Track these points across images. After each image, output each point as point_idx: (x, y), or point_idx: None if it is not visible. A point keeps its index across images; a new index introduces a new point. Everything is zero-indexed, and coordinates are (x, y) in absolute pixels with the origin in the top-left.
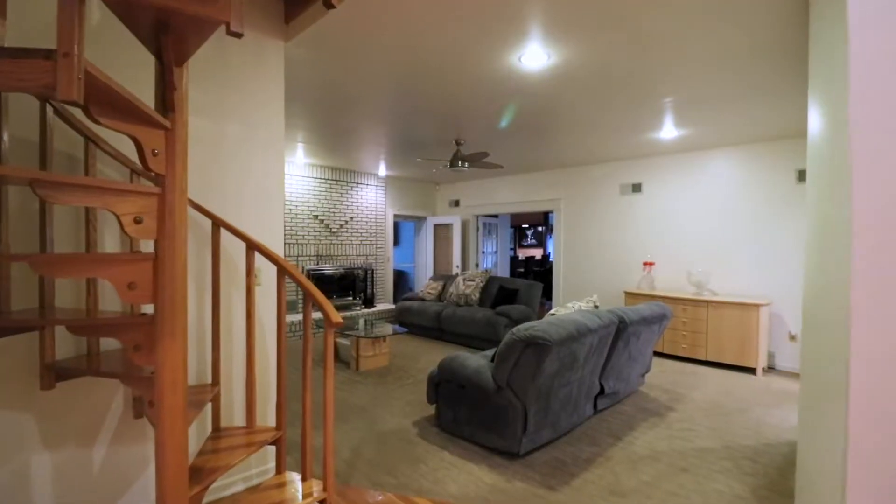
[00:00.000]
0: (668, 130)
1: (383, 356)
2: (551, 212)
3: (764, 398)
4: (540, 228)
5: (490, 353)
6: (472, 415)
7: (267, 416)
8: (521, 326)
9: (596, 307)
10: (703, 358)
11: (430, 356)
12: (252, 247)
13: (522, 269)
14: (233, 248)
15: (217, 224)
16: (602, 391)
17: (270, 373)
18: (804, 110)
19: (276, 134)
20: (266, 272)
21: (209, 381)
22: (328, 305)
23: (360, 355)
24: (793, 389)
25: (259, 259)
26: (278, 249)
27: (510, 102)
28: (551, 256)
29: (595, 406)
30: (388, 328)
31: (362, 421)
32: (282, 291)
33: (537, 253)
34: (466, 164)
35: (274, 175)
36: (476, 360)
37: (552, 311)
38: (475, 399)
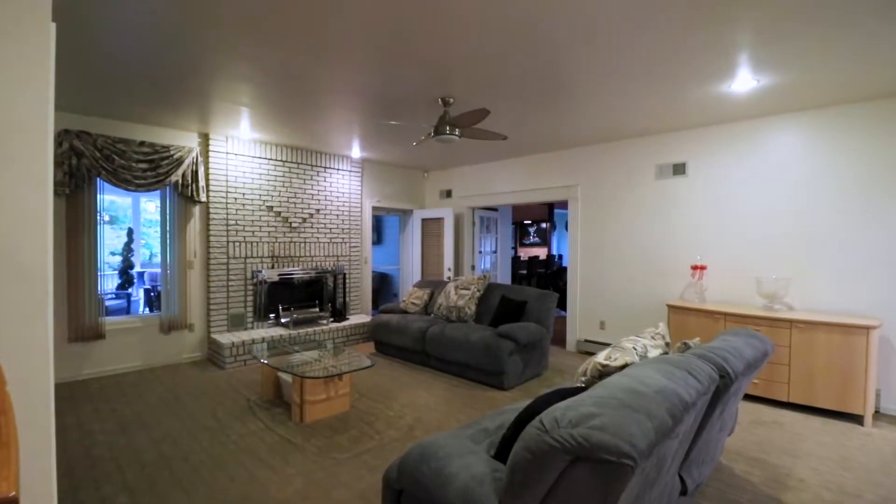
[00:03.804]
0: (743, 80)
1: (341, 399)
2: (557, 206)
3: None
4: (543, 225)
5: (493, 425)
6: None
7: None
8: (562, 414)
9: (667, 345)
10: (783, 399)
11: (411, 394)
12: None
13: (525, 272)
14: None
15: None
16: (683, 489)
17: None
18: None
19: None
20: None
21: None
22: None
23: (306, 400)
24: None
25: None
26: (45, 259)
27: None
28: (558, 257)
29: None
30: (362, 359)
31: None
32: None
33: (541, 253)
34: (457, 132)
35: (22, 88)
36: (464, 464)
37: (603, 361)
38: None
